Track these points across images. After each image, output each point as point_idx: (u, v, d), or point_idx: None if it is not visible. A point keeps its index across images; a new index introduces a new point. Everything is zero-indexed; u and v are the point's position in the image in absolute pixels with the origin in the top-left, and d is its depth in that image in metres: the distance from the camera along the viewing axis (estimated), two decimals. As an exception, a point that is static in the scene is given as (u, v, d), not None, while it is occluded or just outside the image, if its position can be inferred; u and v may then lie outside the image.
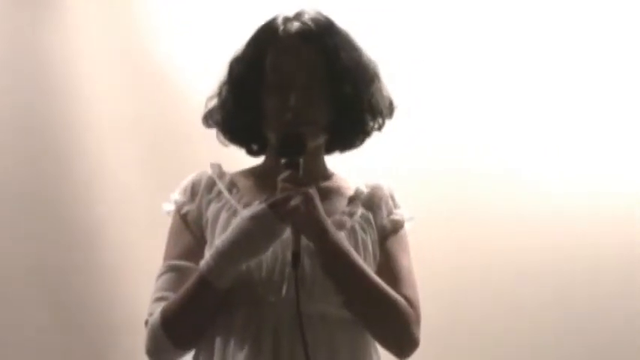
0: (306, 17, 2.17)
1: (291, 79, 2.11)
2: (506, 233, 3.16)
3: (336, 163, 2.28)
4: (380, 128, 2.22)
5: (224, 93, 2.19)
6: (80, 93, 3.23)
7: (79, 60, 3.24)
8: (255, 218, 2.01)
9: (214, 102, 2.22)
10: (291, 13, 2.19)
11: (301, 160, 2.06)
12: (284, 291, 2.04)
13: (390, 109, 2.23)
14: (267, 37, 2.16)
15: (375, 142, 2.27)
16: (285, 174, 2.04)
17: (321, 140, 2.18)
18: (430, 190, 3.14)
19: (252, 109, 2.15)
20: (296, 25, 2.15)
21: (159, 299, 2.12)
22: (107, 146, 3.22)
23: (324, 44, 2.13)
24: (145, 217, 3.10)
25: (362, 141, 2.23)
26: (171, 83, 3.26)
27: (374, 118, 2.20)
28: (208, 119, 2.23)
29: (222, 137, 2.24)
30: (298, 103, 2.09)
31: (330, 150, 2.25)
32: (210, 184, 2.21)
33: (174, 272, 2.13)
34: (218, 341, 2.07)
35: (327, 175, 2.25)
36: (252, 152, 2.26)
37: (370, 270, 2.09)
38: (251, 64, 2.15)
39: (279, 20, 2.17)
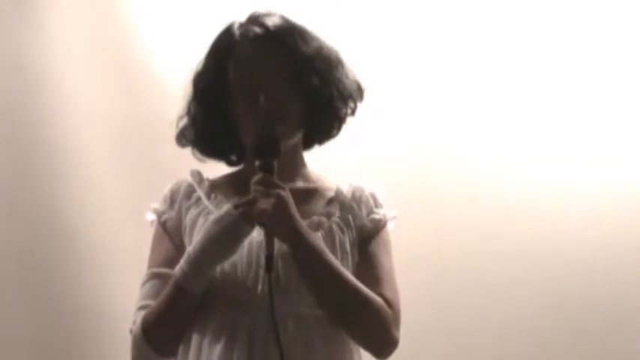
0: (260, 19, 2.18)
1: (257, 82, 2.12)
2: (491, 230, 3.16)
3: (316, 162, 2.28)
4: (353, 113, 2.23)
5: (193, 110, 2.21)
6: (62, 91, 3.24)
7: (60, 57, 3.25)
8: (219, 220, 2.04)
9: (185, 121, 2.23)
10: (243, 18, 2.20)
11: (275, 162, 2.07)
12: (258, 292, 2.05)
13: (360, 92, 2.23)
14: (226, 46, 2.17)
15: (358, 139, 2.30)
16: (257, 177, 2.05)
17: (298, 137, 2.19)
18: (413, 187, 3.13)
19: (223, 121, 2.16)
20: (252, 28, 2.16)
21: (142, 308, 2.14)
22: (90, 145, 3.23)
23: (283, 42, 2.14)
24: (129, 214, 3.11)
25: (338, 129, 2.23)
26: (152, 81, 3.25)
27: (345, 104, 2.20)
28: (181, 139, 2.24)
29: (198, 154, 2.25)
30: (268, 103, 2.10)
31: (308, 145, 2.25)
32: (190, 191, 2.22)
33: (157, 280, 2.15)
34: (194, 340, 2.09)
35: (306, 176, 2.24)
36: (231, 163, 2.27)
37: (346, 270, 2.09)
38: (214, 76, 2.17)
39: (235, 27, 2.18)
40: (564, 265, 3.13)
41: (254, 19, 2.18)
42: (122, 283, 3.00)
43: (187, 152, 2.27)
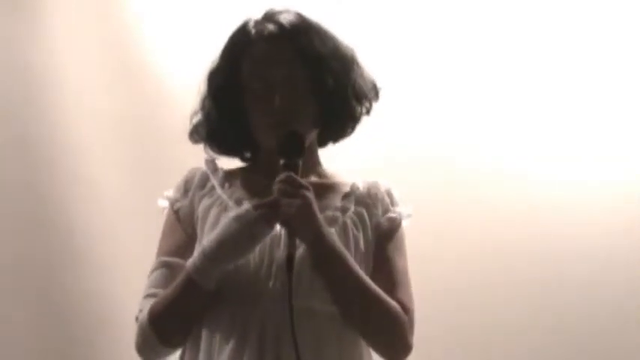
0: (276, 17, 2.16)
1: (272, 81, 2.10)
2: (494, 229, 3.16)
3: (329, 158, 2.27)
4: (368, 112, 2.22)
5: (206, 107, 2.19)
6: (65, 90, 3.23)
7: (63, 57, 3.24)
8: (238, 219, 2.01)
9: (198, 117, 2.21)
10: (259, 16, 2.17)
11: (300, 162, 2.05)
12: (270, 287, 2.03)
13: (375, 92, 2.22)
14: (241, 44, 2.15)
15: (365, 138, 2.28)
16: (282, 175, 2.02)
17: (313, 135, 2.17)
18: (421, 186, 3.10)
19: (237, 118, 2.15)
20: (267, 26, 2.14)
21: (149, 296, 2.11)
22: (92, 144, 3.22)
23: (298, 41, 2.13)
24: (130, 215, 3.10)
25: (353, 128, 2.23)
26: (154, 80, 3.25)
27: (360, 104, 2.19)
28: (194, 135, 2.22)
29: (210, 151, 2.23)
30: (283, 103, 2.08)
31: (322, 143, 2.24)
32: (204, 180, 2.20)
33: (166, 269, 2.13)
34: (204, 337, 2.07)
35: (321, 172, 2.23)
36: (245, 159, 2.26)
37: (363, 273, 2.07)
38: (229, 74, 2.15)
39: (250, 24, 2.16)
40: (566, 264, 3.13)
41: (270, 17, 2.16)
42: (122, 280, 3.01)
43: (190, 150, 2.26)
